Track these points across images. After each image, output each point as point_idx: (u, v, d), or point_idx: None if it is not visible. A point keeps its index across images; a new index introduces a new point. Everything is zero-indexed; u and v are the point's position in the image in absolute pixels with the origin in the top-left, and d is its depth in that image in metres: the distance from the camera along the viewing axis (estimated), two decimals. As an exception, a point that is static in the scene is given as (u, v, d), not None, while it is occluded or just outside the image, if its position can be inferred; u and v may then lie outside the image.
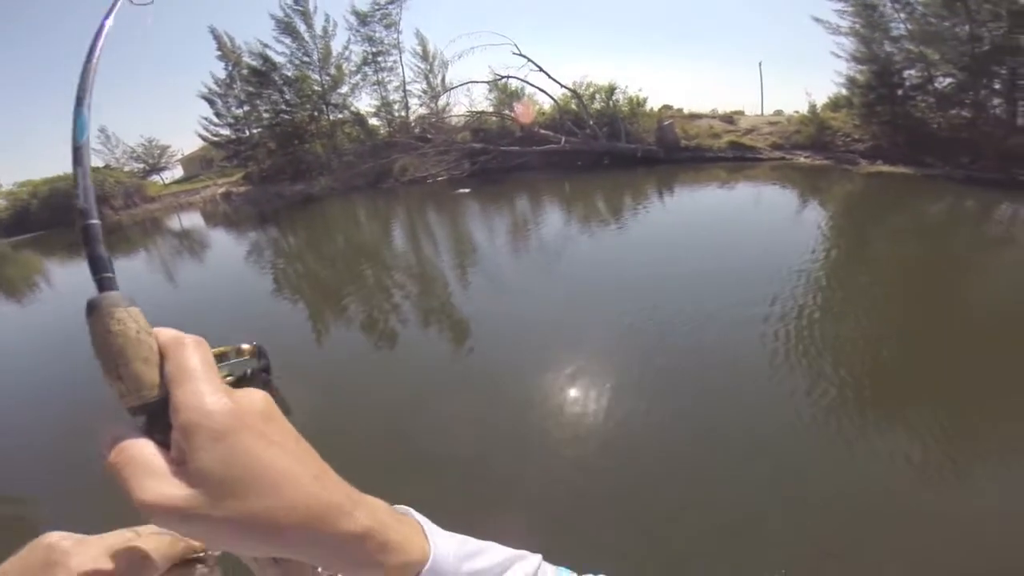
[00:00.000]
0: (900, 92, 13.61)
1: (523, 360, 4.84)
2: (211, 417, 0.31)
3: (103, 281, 0.36)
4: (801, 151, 14.55)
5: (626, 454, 3.47)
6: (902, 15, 13.55)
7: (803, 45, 41.33)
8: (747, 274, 6.22)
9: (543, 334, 5.27)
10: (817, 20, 15.04)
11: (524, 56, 18.33)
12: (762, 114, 19.39)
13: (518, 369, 4.72)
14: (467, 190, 16.62)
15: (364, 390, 4.75)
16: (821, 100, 16.06)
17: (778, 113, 18.92)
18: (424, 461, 3.50)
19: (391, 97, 25.25)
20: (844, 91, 15.19)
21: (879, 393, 3.92)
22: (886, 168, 12.43)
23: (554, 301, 6.34)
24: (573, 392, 4.21)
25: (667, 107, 19.39)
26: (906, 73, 13.90)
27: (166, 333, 0.35)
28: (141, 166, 34.21)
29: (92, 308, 0.34)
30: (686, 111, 19.35)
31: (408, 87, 24.93)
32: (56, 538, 0.36)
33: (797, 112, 17.39)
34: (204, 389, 0.32)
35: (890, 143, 13.01)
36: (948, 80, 12.65)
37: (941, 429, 3.44)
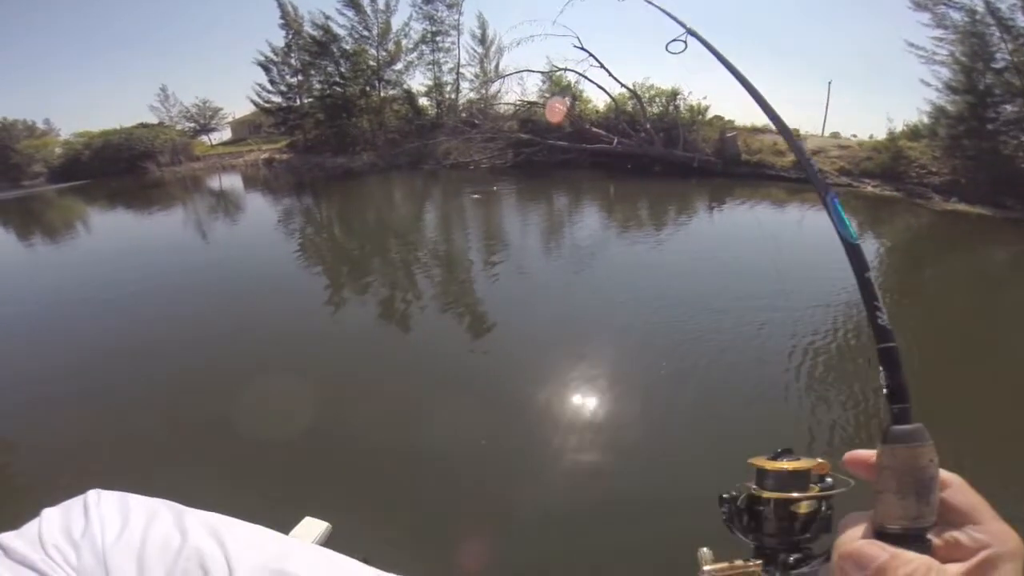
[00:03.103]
0: (991, 127, 13.13)
1: (527, 370, 4.95)
2: (1010, 544, 0.36)
3: (905, 412, 0.40)
4: (870, 179, 14.23)
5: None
6: (1009, 46, 13.08)
7: (872, 68, 40.15)
8: (776, 300, 6.23)
9: (550, 343, 5.44)
10: (912, 46, 14.68)
11: (586, 50, 18.64)
12: (823, 135, 19.04)
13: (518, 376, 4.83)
14: (495, 188, 17.00)
15: (366, 372, 5.12)
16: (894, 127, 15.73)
17: (835, 135, 18.58)
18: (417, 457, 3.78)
19: (444, 78, 26.07)
20: (926, 120, 14.77)
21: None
22: (962, 207, 12.05)
23: (569, 308, 6.52)
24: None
25: (719, 118, 19.35)
26: (1002, 107, 13.41)
27: (941, 470, 0.40)
28: (192, 125, 36.40)
29: (907, 437, 0.39)
30: (739, 123, 19.17)
31: (461, 70, 25.71)
32: None
33: (855, 136, 17.01)
34: (1002, 525, 0.38)
35: (970, 180, 12.59)
36: (1047, 118, 12.18)
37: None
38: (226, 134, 38.40)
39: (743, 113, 18.91)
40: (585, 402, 4.34)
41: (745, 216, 12.09)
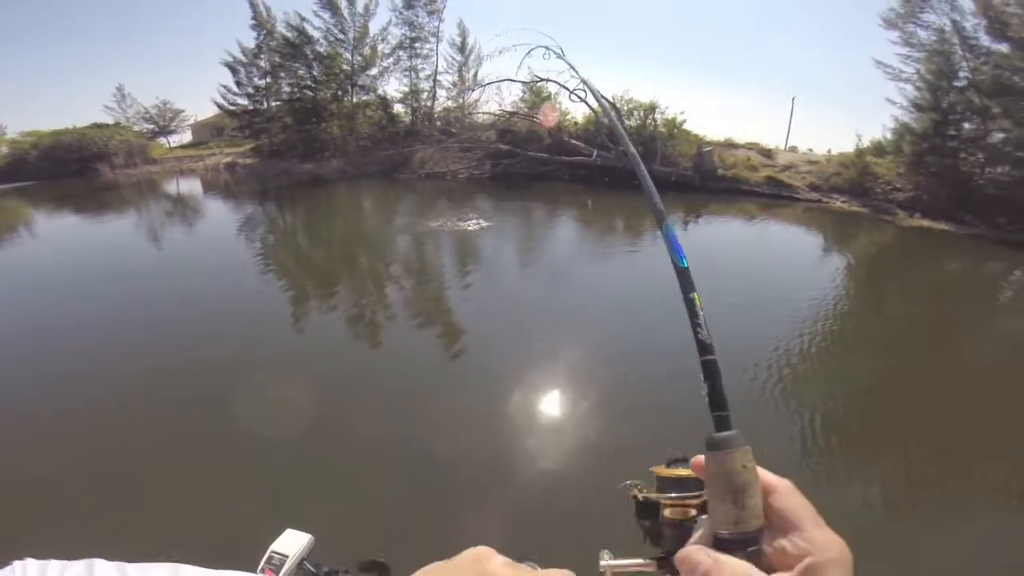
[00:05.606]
0: (951, 144, 13.98)
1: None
2: (831, 552, 0.37)
3: (724, 420, 0.42)
4: (838, 195, 14.96)
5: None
6: (970, 64, 13.92)
7: (830, 84, 43.28)
8: (747, 316, 6.53)
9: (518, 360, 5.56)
10: (879, 64, 15.58)
11: (566, 61, 18.94)
12: (785, 149, 20.03)
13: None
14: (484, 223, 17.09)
15: (346, 384, 5.23)
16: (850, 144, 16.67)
17: (792, 150, 19.63)
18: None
19: (420, 85, 26.26)
20: (889, 136, 15.66)
21: (867, 441, 4.30)
22: (925, 223, 12.76)
23: (537, 323, 6.62)
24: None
25: (685, 132, 20.27)
26: (961, 125, 14.31)
27: (770, 475, 0.41)
28: (151, 127, 35.57)
29: (720, 444, 0.41)
30: (710, 138, 19.97)
31: (439, 77, 25.96)
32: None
33: (810, 150, 18.19)
34: (825, 532, 0.38)
35: (932, 196, 13.36)
36: (1002, 135, 13.05)
37: (911, 477, 3.81)
38: (186, 136, 37.63)
39: (715, 127, 19.73)
40: (556, 410, 4.60)
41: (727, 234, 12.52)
